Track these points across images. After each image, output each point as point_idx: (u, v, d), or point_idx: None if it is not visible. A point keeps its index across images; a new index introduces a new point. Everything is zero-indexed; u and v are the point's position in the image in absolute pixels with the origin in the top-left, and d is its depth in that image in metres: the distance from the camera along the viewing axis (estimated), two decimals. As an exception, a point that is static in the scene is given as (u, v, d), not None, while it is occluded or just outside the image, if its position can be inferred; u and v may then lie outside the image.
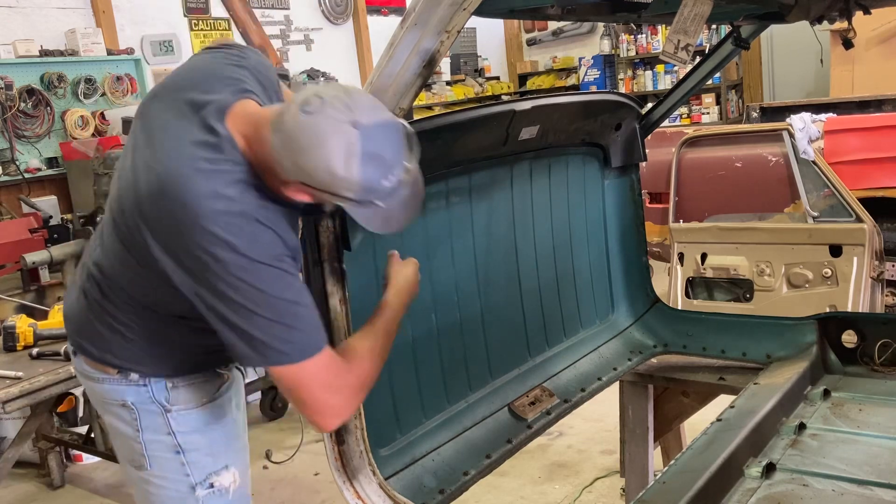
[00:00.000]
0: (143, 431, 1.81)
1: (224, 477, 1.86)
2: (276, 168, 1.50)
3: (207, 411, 1.84)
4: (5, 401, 2.78)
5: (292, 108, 1.47)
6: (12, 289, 4.05)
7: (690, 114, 9.19)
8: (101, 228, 1.77)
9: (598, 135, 2.66)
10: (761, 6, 2.27)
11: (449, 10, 1.47)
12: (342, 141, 1.43)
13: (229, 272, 1.49)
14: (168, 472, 1.83)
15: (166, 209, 1.52)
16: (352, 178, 1.45)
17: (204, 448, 1.84)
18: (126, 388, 1.80)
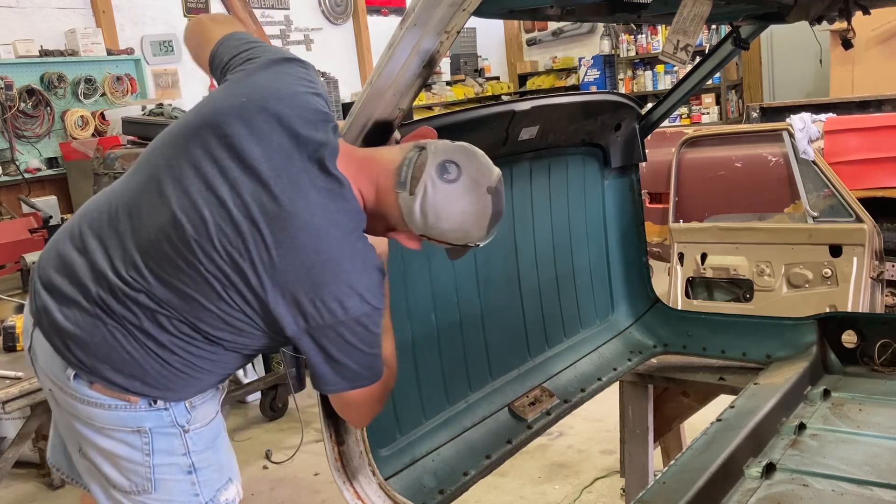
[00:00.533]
0: (154, 455, 1.74)
1: (230, 490, 1.85)
2: (397, 221, 1.59)
3: (215, 425, 1.83)
4: (5, 401, 2.78)
5: (430, 173, 1.54)
6: (12, 289, 4.05)
7: (690, 114, 9.20)
8: (146, 253, 1.60)
9: (598, 135, 2.66)
10: (761, 6, 2.27)
11: (449, 11, 1.47)
12: (481, 207, 1.57)
13: (354, 319, 1.55)
14: (175, 496, 1.78)
15: (301, 260, 1.52)
16: (481, 235, 1.60)
17: (214, 464, 1.82)
18: (146, 413, 1.72)
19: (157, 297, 1.60)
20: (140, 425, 1.72)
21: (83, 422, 1.74)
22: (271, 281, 1.53)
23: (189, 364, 1.67)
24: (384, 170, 1.58)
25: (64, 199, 5.86)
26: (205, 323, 1.61)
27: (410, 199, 1.54)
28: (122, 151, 4.63)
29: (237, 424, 5.03)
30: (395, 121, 1.68)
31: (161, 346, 1.64)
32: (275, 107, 1.59)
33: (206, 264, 1.55)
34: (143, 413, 1.72)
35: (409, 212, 1.55)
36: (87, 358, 1.67)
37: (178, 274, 1.58)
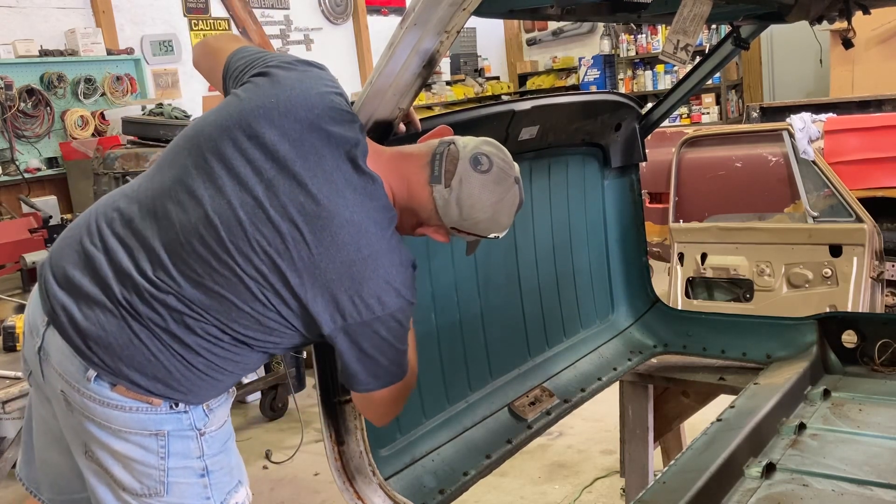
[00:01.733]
0: (169, 458, 1.73)
1: (240, 493, 1.84)
2: (429, 215, 1.63)
3: (227, 428, 1.84)
4: (5, 401, 2.77)
5: (465, 166, 1.59)
6: (12, 289, 4.05)
7: (690, 114, 9.20)
8: (176, 253, 1.59)
9: (598, 135, 2.66)
10: (761, 6, 2.27)
11: (449, 10, 1.47)
12: (512, 197, 1.63)
13: (391, 315, 1.57)
14: (186, 498, 1.76)
15: (342, 258, 1.54)
16: (508, 223, 1.66)
17: (225, 467, 1.82)
18: (166, 416, 1.71)
19: (187, 298, 1.59)
20: (160, 428, 1.71)
21: (98, 424, 1.71)
22: (311, 280, 1.54)
23: (213, 366, 1.67)
24: (416, 165, 1.61)
25: (64, 199, 5.86)
26: (236, 323, 1.61)
27: (446, 192, 1.58)
28: (122, 151, 4.64)
29: (237, 424, 5.02)
30: (395, 121, 1.68)
31: (187, 347, 1.63)
32: (304, 106, 1.60)
33: (242, 265, 1.55)
34: (164, 416, 1.70)
35: (444, 204, 1.59)
36: (111, 359, 1.64)
37: (211, 274, 1.57)
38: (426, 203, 1.61)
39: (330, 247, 1.53)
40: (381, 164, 1.62)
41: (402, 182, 1.62)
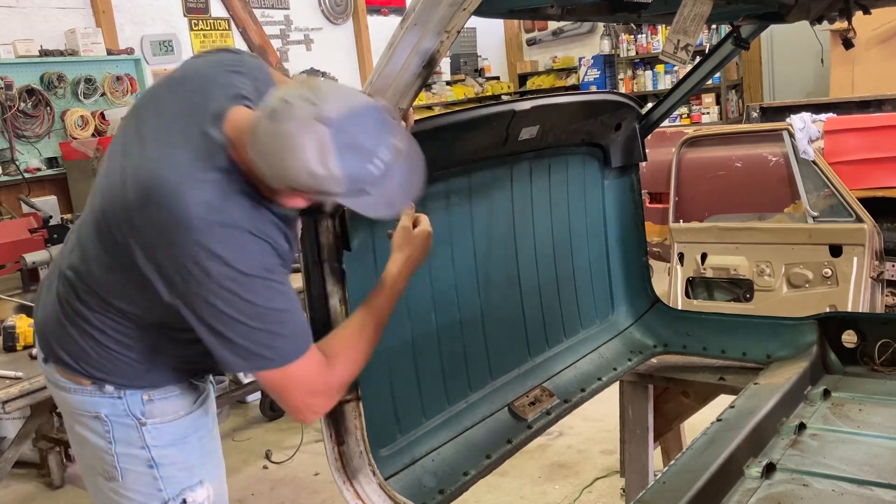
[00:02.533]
0: (115, 444, 1.76)
1: (198, 493, 1.82)
2: (262, 178, 1.47)
3: (184, 425, 1.80)
4: (5, 401, 2.77)
5: (261, 117, 1.43)
6: (12, 289, 4.05)
7: (690, 114, 9.20)
8: (79, 229, 1.70)
9: (598, 135, 2.66)
10: (761, 6, 2.27)
11: (449, 10, 1.47)
12: (313, 140, 1.37)
13: (220, 285, 1.47)
14: (140, 486, 1.78)
15: (155, 218, 1.47)
16: (333, 174, 1.39)
17: (179, 462, 1.79)
18: (100, 399, 1.74)
19: (80, 272, 1.66)
20: (97, 411, 1.75)
21: (61, 408, 1.84)
22: (138, 242, 1.51)
23: (120, 343, 1.69)
24: (248, 128, 1.48)
25: (64, 199, 5.86)
26: (111, 293, 1.64)
27: (252, 151, 1.44)
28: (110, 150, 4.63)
29: (237, 424, 5.03)
30: (395, 121, 1.67)
31: (86, 321, 1.68)
32: (179, 87, 1.64)
33: (102, 230, 1.59)
34: (98, 399, 1.74)
35: (257, 164, 1.44)
36: (48, 341, 1.77)
37: (91, 246, 1.63)
38: (252, 165, 1.47)
39: (145, 207, 1.48)
40: (234, 128, 1.53)
41: (243, 145, 1.49)
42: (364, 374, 1.72)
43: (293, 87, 1.46)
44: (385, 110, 1.47)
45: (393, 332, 2.01)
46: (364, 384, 1.74)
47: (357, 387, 1.72)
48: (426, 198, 2.09)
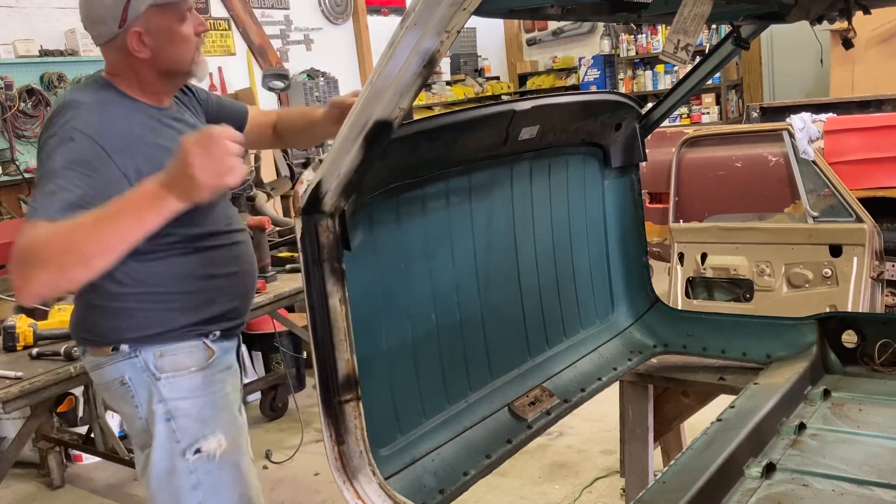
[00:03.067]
0: (140, 407, 1.98)
1: (210, 442, 1.99)
2: (107, 59, 1.98)
3: (197, 380, 2.00)
4: (5, 401, 2.77)
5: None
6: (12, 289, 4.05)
7: (690, 114, 9.20)
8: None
9: (598, 135, 2.66)
10: (761, 6, 2.27)
11: (449, 10, 1.47)
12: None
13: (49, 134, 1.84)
14: (161, 441, 1.98)
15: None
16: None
17: (193, 414, 1.99)
18: (122, 363, 1.97)
19: None
20: (122, 374, 1.98)
21: (101, 391, 2.11)
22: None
23: (106, 291, 1.93)
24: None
25: (64, 199, 5.85)
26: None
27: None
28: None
29: (237, 424, 5.02)
30: (395, 121, 1.68)
31: (84, 289, 1.91)
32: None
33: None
34: (120, 363, 1.98)
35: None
36: (75, 329, 2.08)
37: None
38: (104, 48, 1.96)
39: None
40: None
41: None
42: (364, 375, 1.72)
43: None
44: None
45: (393, 332, 2.01)
46: (364, 384, 1.74)
47: (357, 387, 1.72)
48: (426, 198, 2.10)
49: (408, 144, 1.87)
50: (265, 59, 7.89)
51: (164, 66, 1.95)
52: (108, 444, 3.95)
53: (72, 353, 3.02)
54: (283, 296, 3.65)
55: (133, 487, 4.18)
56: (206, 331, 2.03)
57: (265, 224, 3.91)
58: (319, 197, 1.63)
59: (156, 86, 1.98)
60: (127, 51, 1.90)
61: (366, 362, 1.80)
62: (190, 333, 2.00)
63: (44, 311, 3.57)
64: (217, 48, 7.50)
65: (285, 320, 4.88)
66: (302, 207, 1.63)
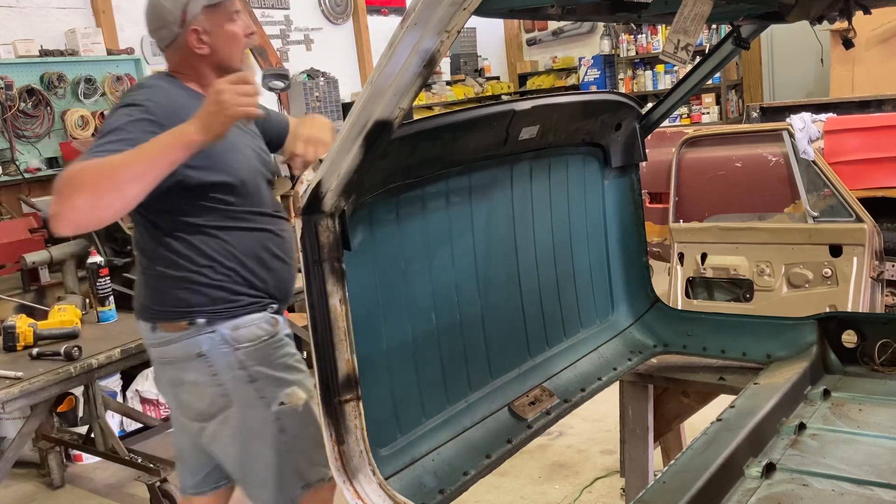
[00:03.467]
0: (220, 374, 2.22)
1: (290, 395, 2.28)
2: (170, 60, 2.30)
3: (271, 347, 2.29)
4: (5, 401, 2.77)
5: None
6: (12, 289, 4.05)
7: (690, 114, 9.20)
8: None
9: (598, 135, 2.66)
10: (761, 6, 2.27)
11: (449, 10, 1.47)
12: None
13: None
14: (248, 401, 2.24)
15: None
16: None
17: (272, 375, 2.27)
18: (199, 338, 2.20)
19: (134, 225, 2.31)
20: (199, 348, 2.21)
21: (167, 365, 2.29)
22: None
23: (172, 266, 2.19)
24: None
25: (64, 199, 5.85)
26: (138, 228, 2.29)
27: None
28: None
29: (237, 424, 5.02)
30: (395, 121, 1.68)
31: (150, 268, 2.25)
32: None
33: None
34: (196, 338, 2.21)
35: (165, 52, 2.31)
36: (146, 305, 2.28)
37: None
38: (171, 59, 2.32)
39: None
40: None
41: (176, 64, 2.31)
42: (364, 374, 1.72)
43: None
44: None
45: (393, 332, 2.01)
46: (364, 384, 1.74)
47: (357, 387, 1.72)
48: (426, 197, 2.10)
49: (408, 144, 1.87)
50: (265, 59, 7.89)
51: (219, 61, 2.27)
52: (108, 444, 3.94)
53: (72, 352, 3.02)
54: (283, 296, 3.65)
55: (133, 487, 4.18)
56: (268, 304, 2.32)
57: (265, 224, 3.91)
58: (319, 197, 1.63)
59: (212, 81, 2.16)
60: (188, 49, 2.24)
61: (366, 362, 1.80)
62: (257, 307, 2.28)
63: (44, 311, 3.58)
64: (217, 48, 7.50)
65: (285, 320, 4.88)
66: (302, 207, 1.63)
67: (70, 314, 3.42)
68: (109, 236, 4.02)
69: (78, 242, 4.00)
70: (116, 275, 3.81)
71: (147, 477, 3.68)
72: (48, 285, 4.18)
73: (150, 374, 4.91)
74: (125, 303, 3.64)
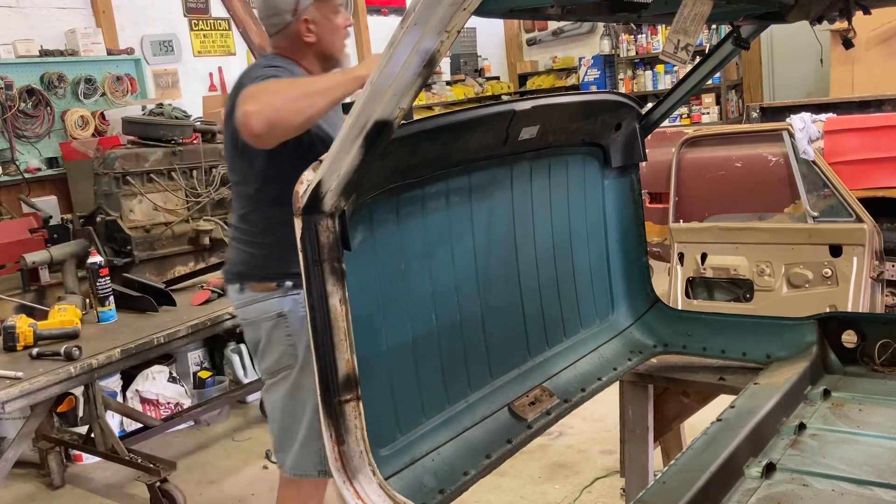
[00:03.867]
0: (294, 335, 2.39)
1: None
2: (278, 45, 2.52)
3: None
4: (5, 401, 2.78)
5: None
6: (12, 289, 4.05)
7: (690, 114, 9.20)
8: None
9: (598, 135, 2.66)
10: (761, 6, 2.27)
11: (449, 10, 1.47)
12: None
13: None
14: (310, 366, 2.32)
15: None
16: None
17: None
18: (283, 299, 2.39)
19: (233, 193, 2.58)
20: (280, 308, 2.40)
21: (249, 323, 2.46)
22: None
23: (265, 230, 2.38)
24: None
25: (64, 200, 5.86)
26: (230, 174, 2.54)
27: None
28: (123, 151, 4.63)
29: (237, 424, 5.03)
30: (395, 121, 1.68)
31: (245, 231, 2.45)
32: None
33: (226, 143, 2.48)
34: (279, 298, 2.39)
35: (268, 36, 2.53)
36: (236, 267, 2.47)
37: (227, 161, 2.55)
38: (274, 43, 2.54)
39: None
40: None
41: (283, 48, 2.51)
42: (364, 374, 1.72)
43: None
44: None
45: (393, 332, 2.01)
46: (364, 384, 1.74)
47: (357, 387, 1.72)
48: (426, 197, 2.10)
49: (408, 145, 1.87)
50: (265, 59, 7.89)
51: (323, 49, 2.49)
52: (108, 444, 3.94)
53: (72, 352, 3.02)
54: (283, 296, 3.65)
55: (133, 487, 4.18)
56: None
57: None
58: (319, 197, 1.63)
59: (315, 68, 2.51)
60: (297, 37, 2.46)
61: (366, 362, 1.80)
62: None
63: (44, 311, 3.58)
64: (217, 48, 7.50)
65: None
66: (302, 207, 1.63)
67: (70, 314, 3.42)
68: (109, 236, 4.02)
69: (78, 242, 4.01)
70: (116, 275, 3.81)
71: (147, 477, 3.68)
72: (48, 285, 4.18)
73: (150, 374, 4.91)
74: (125, 303, 3.64)
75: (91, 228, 4.13)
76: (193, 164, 4.55)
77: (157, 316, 3.52)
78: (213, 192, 4.45)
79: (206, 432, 4.95)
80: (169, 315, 3.50)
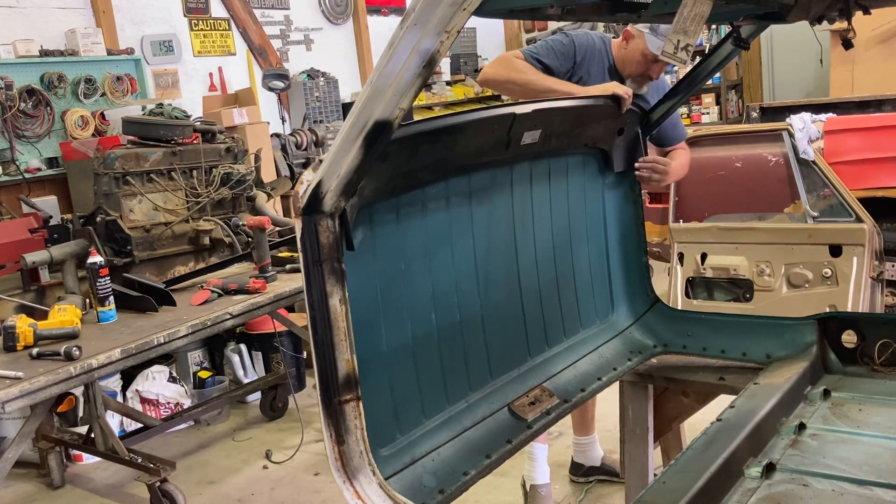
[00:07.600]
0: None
1: None
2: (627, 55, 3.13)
3: None
4: (5, 401, 2.77)
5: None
6: (12, 289, 4.04)
7: (690, 114, 9.20)
8: None
9: (600, 140, 2.66)
10: (761, 6, 2.27)
11: (449, 10, 1.47)
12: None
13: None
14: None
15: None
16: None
17: None
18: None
19: None
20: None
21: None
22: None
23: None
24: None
25: (64, 200, 5.86)
26: None
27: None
28: (123, 151, 4.62)
29: (237, 424, 5.03)
30: (395, 121, 1.68)
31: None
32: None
33: None
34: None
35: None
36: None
37: None
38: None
39: None
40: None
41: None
42: (364, 374, 1.72)
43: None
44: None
45: (393, 333, 2.01)
46: (364, 384, 1.74)
47: (357, 387, 1.72)
48: (427, 199, 2.10)
49: (408, 148, 1.87)
50: (265, 59, 7.89)
51: (623, 57, 3.13)
52: (108, 444, 3.95)
53: (72, 352, 3.02)
54: (283, 296, 3.65)
55: (133, 487, 4.19)
56: None
57: (265, 224, 3.91)
58: (319, 197, 1.63)
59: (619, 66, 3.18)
60: (623, 36, 3.11)
61: (366, 362, 1.80)
62: None
63: (44, 311, 3.57)
64: (217, 48, 7.50)
65: (285, 320, 4.88)
66: (302, 207, 1.63)
67: (70, 314, 3.42)
68: (109, 236, 4.01)
69: (78, 242, 4.00)
70: (116, 275, 3.80)
71: (147, 477, 3.68)
72: (48, 285, 4.18)
73: (150, 374, 4.91)
74: (125, 303, 3.64)
75: (91, 228, 4.12)
76: (193, 164, 4.55)
77: (157, 316, 3.52)
78: (213, 192, 4.44)
79: (206, 432, 4.95)
80: (169, 315, 3.50)
